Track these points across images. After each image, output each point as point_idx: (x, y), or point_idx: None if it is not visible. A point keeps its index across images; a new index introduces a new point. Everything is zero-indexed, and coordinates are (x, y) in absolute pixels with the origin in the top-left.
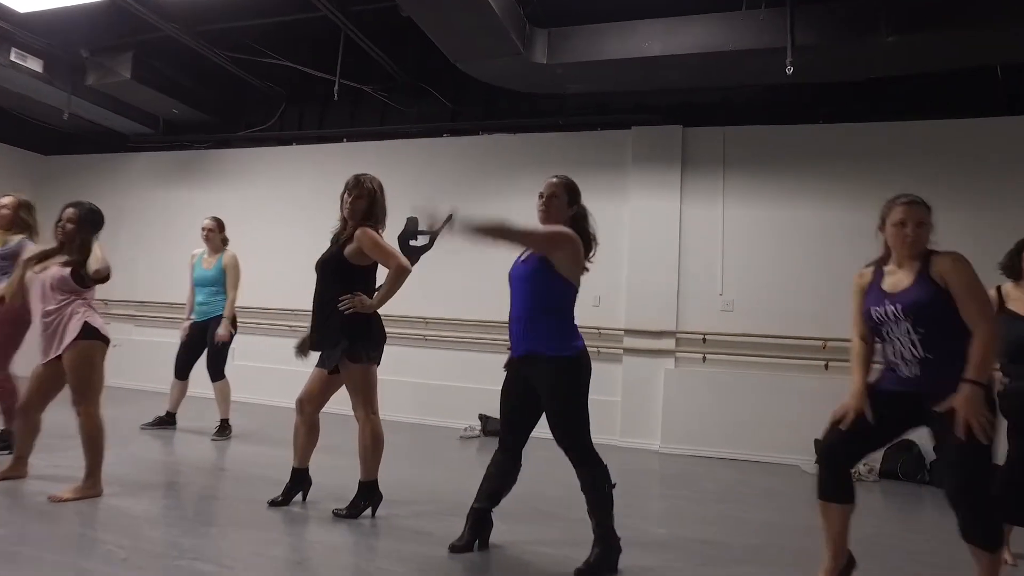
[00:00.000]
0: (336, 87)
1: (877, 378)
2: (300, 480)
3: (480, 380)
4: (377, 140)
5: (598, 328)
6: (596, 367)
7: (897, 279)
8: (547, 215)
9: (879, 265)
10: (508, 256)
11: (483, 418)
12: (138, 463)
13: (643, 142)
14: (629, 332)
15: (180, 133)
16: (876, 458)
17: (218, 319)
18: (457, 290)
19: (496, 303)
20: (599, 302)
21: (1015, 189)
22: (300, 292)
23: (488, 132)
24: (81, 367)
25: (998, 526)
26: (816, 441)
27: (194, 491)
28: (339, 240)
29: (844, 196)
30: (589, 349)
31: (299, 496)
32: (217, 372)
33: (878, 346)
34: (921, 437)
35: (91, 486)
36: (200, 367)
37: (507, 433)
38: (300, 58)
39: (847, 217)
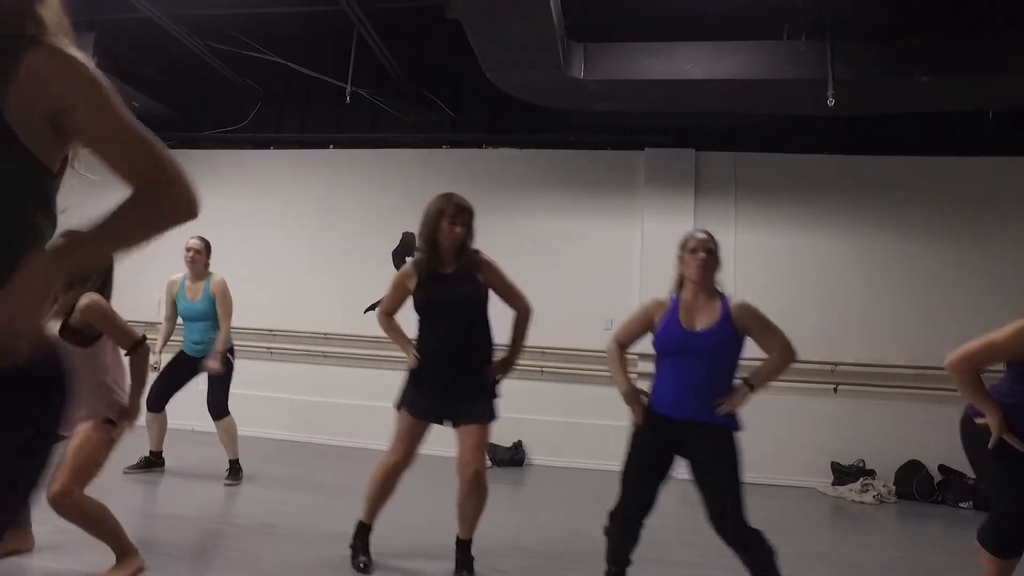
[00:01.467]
0: (348, 89)
1: None
2: (367, 534)
3: None
4: (368, 148)
5: None
6: (606, 392)
7: None
8: (706, 273)
9: None
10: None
11: (491, 447)
12: (159, 520)
13: (656, 164)
14: (643, 356)
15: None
16: (889, 479)
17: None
18: None
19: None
20: (611, 325)
21: (1008, 225)
22: (274, 311)
23: (492, 145)
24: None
25: None
26: (833, 463)
27: (264, 557)
28: (437, 270)
29: (852, 226)
30: (601, 373)
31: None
32: (220, 409)
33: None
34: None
35: (130, 564)
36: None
37: (638, 500)
38: (287, 53)
39: (855, 246)
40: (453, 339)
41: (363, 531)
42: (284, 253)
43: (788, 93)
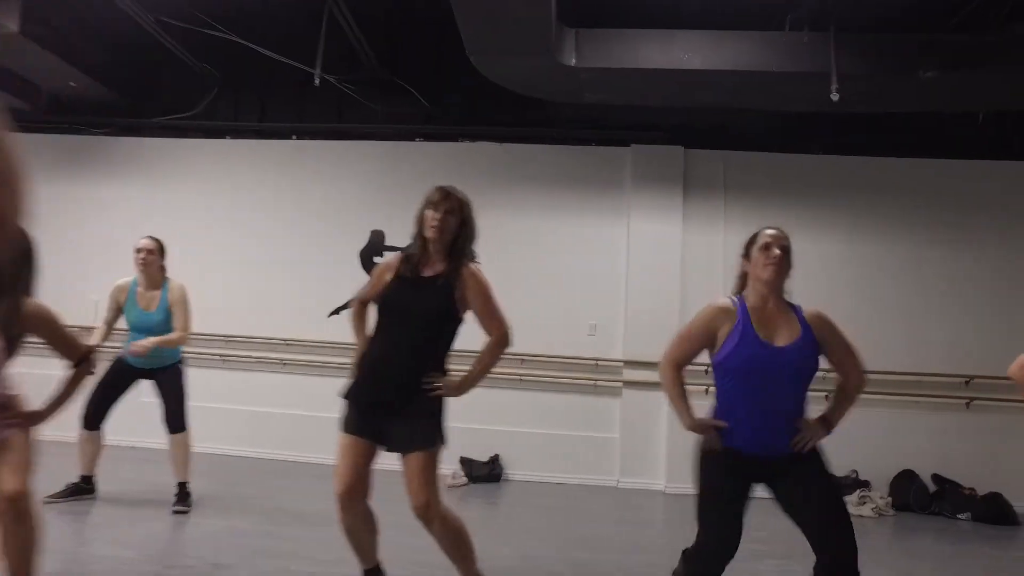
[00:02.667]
0: (317, 72)
1: None
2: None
3: (458, 418)
4: (334, 139)
5: (595, 360)
6: (593, 402)
7: None
8: (780, 275)
9: None
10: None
11: (465, 462)
12: (88, 563)
13: (643, 162)
14: (628, 364)
15: (71, 113)
16: (884, 490)
17: (172, 370)
18: None
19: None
20: (595, 331)
21: (1000, 228)
22: (229, 316)
23: (470, 139)
24: None
25: None
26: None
27: None
28: (415, 268)
29: (843, 229)
30: (585, 382)
31: None
32: (178, 421)
33: None
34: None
35: None
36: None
37: (724, 539)
38: (247, 33)
39: (846, 249)
40: (394, 350)
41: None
42: (240, 252)
43: (790, 87)
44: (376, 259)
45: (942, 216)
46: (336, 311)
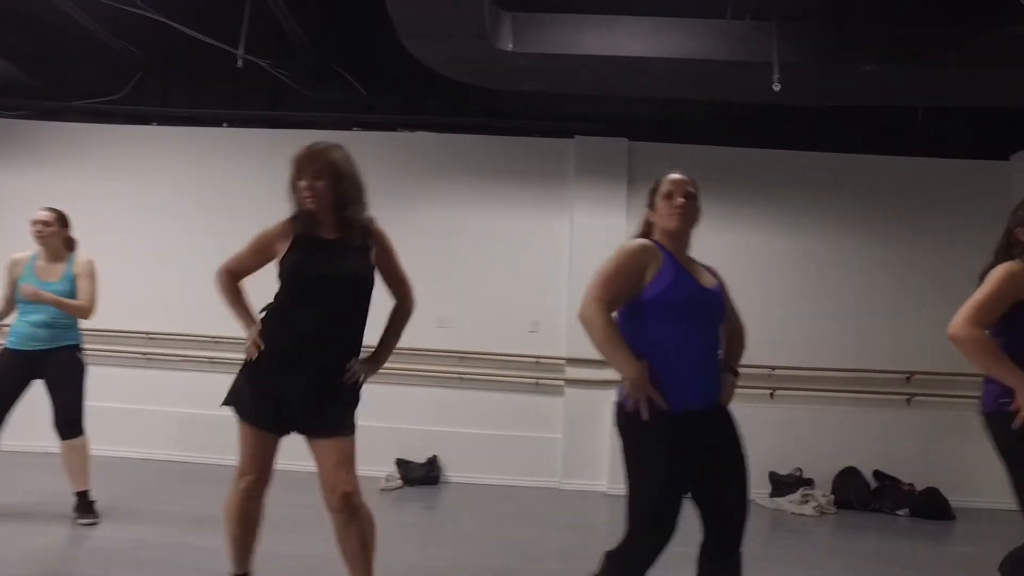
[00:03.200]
0: (240, 53)
1: None
2: None
3: (395, 418)
4: (267, 127)
5: (536, 357)
6: (534, 401)
7: None
8: (687, 220)
9: None
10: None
11: (401, 464)
12: None
13: (587, 154)
14: (571, 361)
15: None
16: (827, 487)
17: (68, 359)
18: None
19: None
20: (537, 328)
21: (940, 225)
22: (155, 312)
23: (408, 128)
24: None
25: None
26: (770, 473)
27: None
28: (316, 234)
29: (788, 224)
30: (526, 380)
31: None
32: (72, 425)
33: None
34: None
35: None
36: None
37: (665, 532)
38: (175, 14)
39: (791, 244)
40: (323, 328)
41: None
42: (168, 244)
43: (731, 76)
44: None
45: (885, 213)
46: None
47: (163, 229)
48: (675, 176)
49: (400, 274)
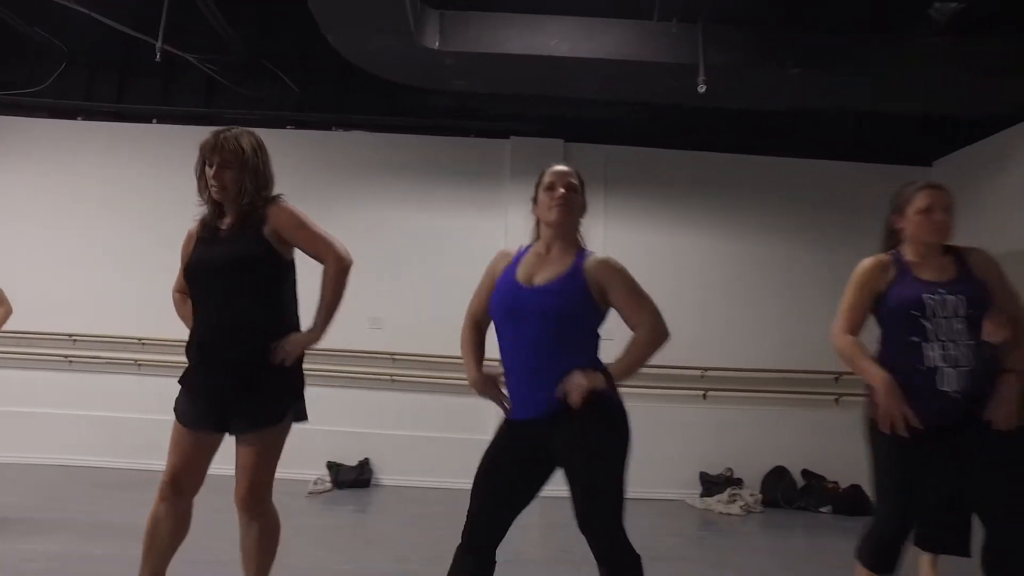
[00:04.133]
0: (159, 45)
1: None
2: None
3: (326, 420)
4: (199, 124)
5: None
6: (467, 402)
7: (936, 269)
8: (568, 215)
9: (895, 254)
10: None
11: (332, 466)
12: None
13: (522, 154)
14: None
15: None
16: (756, 486)
17: None
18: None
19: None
20: None
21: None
22: (76, 313)
23: (343, 127)
24: None
25: None
26: (701, 473)
27: None
28: (216, 226)
29: (719, 225)
30: (459, 382)
31: None
32: None
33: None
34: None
35: None
36: None
37: (487, 526)
38: (100, 6)
39: (722, 246)
40: (217, 319)
41: None
42: (91, 243)
43: (658, 77)
44: None
45: (813, 216)
46: None
47: (87, 227)
48: (558, 167)
49: (313, 239)
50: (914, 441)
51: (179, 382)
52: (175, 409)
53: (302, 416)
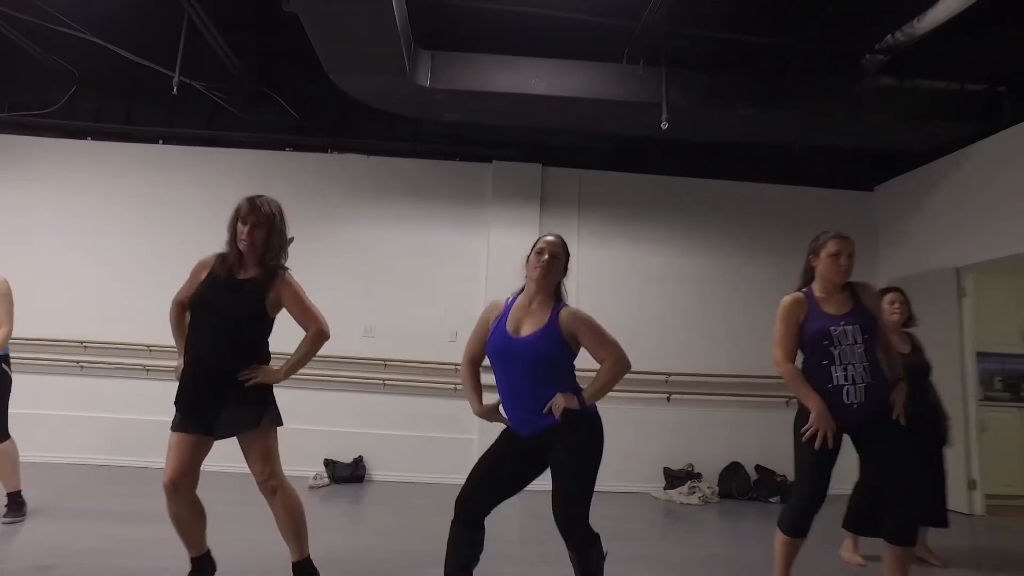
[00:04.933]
0: (176, 78)
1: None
2: (204, 567)
3: (324, 421)
4: (204, 146)
5: (455, 364)
6: (453, 404)
7: (837, 304)
8: (548, 276)
9: (807, 291)
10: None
11: (329, 463)
12: None
13: (503, 177)
14: (487, 368)
15: None
16: (714, 480)
17: None
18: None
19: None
20: (456, 337)
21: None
22: (87, 321)
23: (338, 150)
24: None
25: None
26: (665, 468)
27: None
28: (234, 272)
29: (682, 243)
30: (445, 386)
31: None
32: None
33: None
34: (747, 457)
35: None
36: None
37: (479, 503)
38: (110, 35)
39: (685, 262)
40: (211, 349)
41: (195, 565)
42: (100, 256)
43: (626, 114)
44: None
45: (766, 235)
46: None
47: (97, 241)
48: (549, 238)
49: (304, 312)
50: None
51: (174, 403)
52: (172, 424)
53: (278, 420)
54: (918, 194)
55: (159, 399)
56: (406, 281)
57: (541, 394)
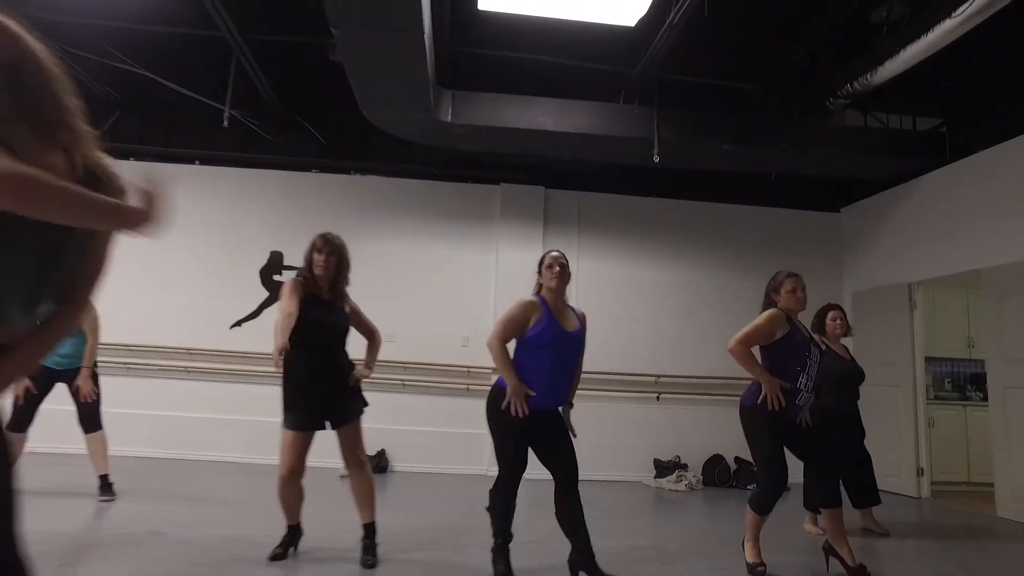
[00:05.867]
0: (226, 113)
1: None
2: (296, 532)
3: None
4: (237, 167)
5: (467, 367)
6: (465, 403)
7: (803, 328)
8: (563, 284)
9: (787, 315)
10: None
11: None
12: (35, 539)
13: (510, 198)
14: (497, 371)
15: None
16: (699, 470)
17: (78, 371)
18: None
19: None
20: (468, 343)
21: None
22: (131, 326)
23: (361, 172)
24: None
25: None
26: (655, 459)
27: (167, 560)
28: (316, 293)
29: (671, 258)
30: (458, 386)
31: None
32: (93, 422)
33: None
34: (727, 450)
35: None
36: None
37: (519, 473)
38: (155, 66)
39: (675, 275)
40: (328, 359)
41: (290, 531)
42: (144, 267)
43: (623, 147)
44: (276, 277)
45: (745, 250)
46: (238, 323)
47: (141, 253)
48: (554, 253)
49: (367, 323)
50: (779, 430)
51: (289, 407)
52: (287, 425)
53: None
54: (878, 216)
55: (198, 397)
56: (423, 292)
57: (570, 377)
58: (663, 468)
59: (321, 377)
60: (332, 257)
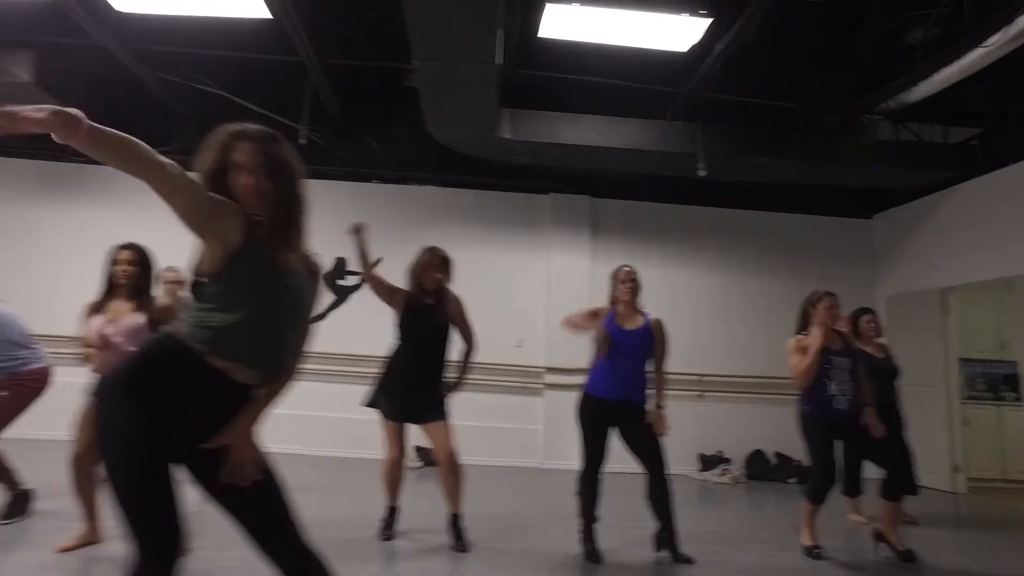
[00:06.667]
0: (304, 128)
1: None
2: (395, 512)
3: None
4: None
5: (521, 366)
6: (519, 400)
7: (832, 341)
8: (632, 294)
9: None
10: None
11: (420, 450)
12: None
13: (559, 207)
14: (549, 370)
15: (44, 140)
16: (741, 464)
17: None
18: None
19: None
20: (522, 344)
21: (823, 265)
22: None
23: (419, 183)
24: None
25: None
26: (699, 454)
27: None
28: (423, 300)
29: (715, 264)
30: (513, 384)
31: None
32: None
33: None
34: (767, 445)
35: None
36: None
37: (597, 462)
38: (230, 84)
39: (717, 280)
40: (427, 355)
41: (390, 512)
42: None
43: (669, 161)
44: (339, 282)
45: (782, 255)
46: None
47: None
48: (626, 267)
49: (466, 324)
50: (829, 433)
51: (374, 404)
52: (386, 417)
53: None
54: (910, 224)
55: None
56: (478, 296)
57: (639, 373)
58: (707, 462)
59: (418, 373)
60: (437, 273)
